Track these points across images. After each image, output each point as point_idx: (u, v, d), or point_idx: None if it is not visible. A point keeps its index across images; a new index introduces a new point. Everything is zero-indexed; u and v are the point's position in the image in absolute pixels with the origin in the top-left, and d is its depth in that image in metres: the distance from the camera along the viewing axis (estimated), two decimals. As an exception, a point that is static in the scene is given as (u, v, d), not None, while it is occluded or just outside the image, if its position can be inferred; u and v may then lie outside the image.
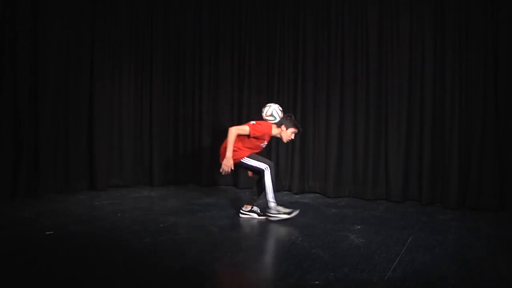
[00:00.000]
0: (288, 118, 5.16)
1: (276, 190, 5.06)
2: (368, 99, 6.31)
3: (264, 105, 5.42)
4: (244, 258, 4.01)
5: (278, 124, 5.16)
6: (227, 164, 4.93)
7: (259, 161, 5.03)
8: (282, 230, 4.79)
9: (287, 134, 5.15)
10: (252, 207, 5.19)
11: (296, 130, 5.18)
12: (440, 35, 5.93)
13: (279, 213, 5.00)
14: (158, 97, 7.05)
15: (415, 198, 6.10)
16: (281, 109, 5.29)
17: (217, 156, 7.02)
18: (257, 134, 5.02)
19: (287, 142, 5.30)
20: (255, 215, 5.16)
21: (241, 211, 5.21)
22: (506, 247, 4.30)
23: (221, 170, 4.99)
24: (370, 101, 6.30)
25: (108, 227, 4.72)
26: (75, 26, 6.28)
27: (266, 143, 5.22)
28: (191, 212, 5.38)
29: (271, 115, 5.21)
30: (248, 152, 5.06)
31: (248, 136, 5.01)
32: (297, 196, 6.43)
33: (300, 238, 4.48)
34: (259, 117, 6.80)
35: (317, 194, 6.51)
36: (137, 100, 6.99)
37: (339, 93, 6.44)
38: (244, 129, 5.01)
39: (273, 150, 6.77)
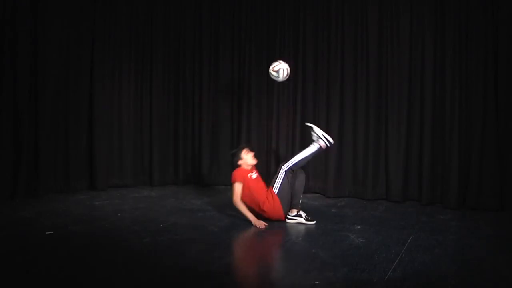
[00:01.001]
0: (236, 151, 5.13)
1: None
2: (368, 99, 6.31)
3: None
4: (244, 258, 4.02)
5: (238, 161, 5.10)
6: (257, 224, 4.81)
7: (280, 178, 5.00)
8: (282, 230, 4.78)
9: (248, 160, 5.08)
10: (298, 211, 5.06)
11: (247, 151, 5.10)
12: (440, 35, 5.93)
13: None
14: (158, 97, 7.05)
15: (415, 198, 6.10)
16: (288, 72, 5.18)
17: (219, 159, 7.13)
18: (240, 178, 4.95)
19: (254, 163, 5.13)
20: (301, 220, 5.01)
21: (287, 216, 5.06)
22: (506, 247, 4.30)
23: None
24: (370, 101, 6.30)
25: (108, 227, 4.72)
26: (75, 26, 6.28)
27: (255, 174, 5.09)
28: (191, 212, 5.38)
29: (277, 71, 5.17)
30: (266, 189, 5.02)
31: (242, 184, 4.95)
32: (297, 196, 6.42)
33: (300, 238, 4.48)
34: (258, 118, 6.88)
35: (317, 194, 6.51)
36: (137, 100, 6.99)
37: (339, 93, 6.44)
38: (237, 189, 4.92)
39: (273, 149, 6.77)
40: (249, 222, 4.83)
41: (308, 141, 6.58)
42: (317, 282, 3.33)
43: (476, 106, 5.76)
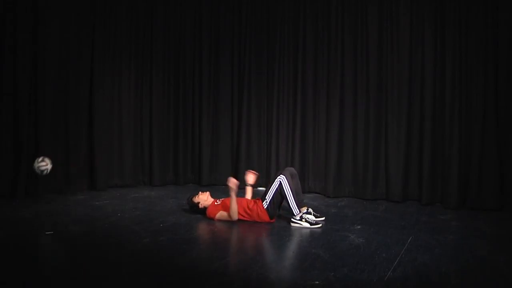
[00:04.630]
0: (191, 204, 5.23)
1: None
2: (368, 99, 6.31)
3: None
4: (244, 258, 4.02)
5: (200, 206, 5.18)
6: (230, 183, 4.87)
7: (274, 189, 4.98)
8: (282, 231, 4.78)
9: (204, 198, 5.18)
10: (307, 208, 5.06)
11: (196, 196, 5.22)
12: (440, 35, 5.93)
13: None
14: (158, 97, 7.05)
15: (415, 198, 6.10)
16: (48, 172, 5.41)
17: (218, 158, 7.14)
18: (215, 212, 5.06)
19: (208, 194, 5.26)
20: (307, 224, 4.86)
21: (292, 219, 4.92)
22: (506, 247, 4.30)
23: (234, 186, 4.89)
24: (370, 101, 6.30)
25: (108, 227, 4.72)
26: (75, 26, 6.28)
27: (218, 200, 5.19)
28: (191, 212, 5.38)
29: (42, 171, 5.37)
30: (245, 199, 5.13)
31: (220, 211, 5.05)
32: (297, 196, 6.42)
33: (300, 238, 4.48)
34: (258, 117, 6.88)
35: (317, 194, 6.50)
36: (137, 100, 6.99)
37: (339, 93, 6.44)
38: (224, 215, 4.99)
39: (273, 149, 6.78)
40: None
41: (308, 140, 6.65)
42: (317, 282, 3.33)
43: (476, 106, 5.76)
